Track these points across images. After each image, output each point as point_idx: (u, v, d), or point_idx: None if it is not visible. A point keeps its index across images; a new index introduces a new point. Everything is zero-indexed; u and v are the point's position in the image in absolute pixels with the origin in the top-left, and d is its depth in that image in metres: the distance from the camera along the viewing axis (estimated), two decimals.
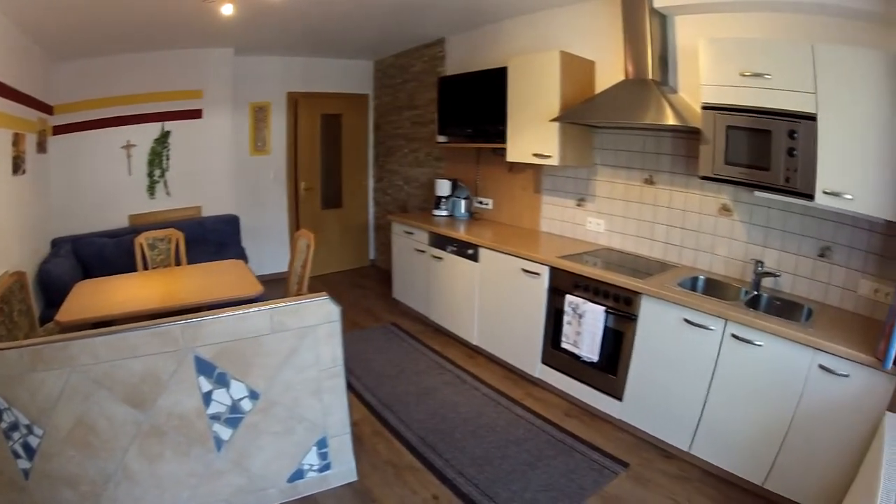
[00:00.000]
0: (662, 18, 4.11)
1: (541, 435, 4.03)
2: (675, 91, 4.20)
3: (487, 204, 6.40)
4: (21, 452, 2.61)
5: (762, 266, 3.74)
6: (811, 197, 3.05)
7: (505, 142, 5.30)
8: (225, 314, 2.88)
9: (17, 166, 4.70)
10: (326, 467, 3.35)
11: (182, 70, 6.64)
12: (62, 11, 4.34)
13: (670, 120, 3.73)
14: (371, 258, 9.16)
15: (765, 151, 3.25)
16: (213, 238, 6.84)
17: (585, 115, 4.45)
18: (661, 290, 3.69)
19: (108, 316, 3.72)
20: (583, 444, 3.91)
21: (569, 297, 4.28)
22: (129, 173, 6.57)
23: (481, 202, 6.48)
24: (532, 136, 4.94)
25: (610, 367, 4.11)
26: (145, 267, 5.27)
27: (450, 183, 6.56)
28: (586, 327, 4.15)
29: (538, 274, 4.57)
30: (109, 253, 5.84)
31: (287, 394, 3.12)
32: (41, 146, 5.50)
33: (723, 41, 3.47)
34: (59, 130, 5.97)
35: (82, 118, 6.12)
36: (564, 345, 4.37)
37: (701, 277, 4.08)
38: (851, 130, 2.88)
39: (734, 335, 3.29)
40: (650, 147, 4.52)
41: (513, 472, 3.58)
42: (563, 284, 4.38)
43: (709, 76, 3.49)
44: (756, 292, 3.72)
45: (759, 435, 3.23)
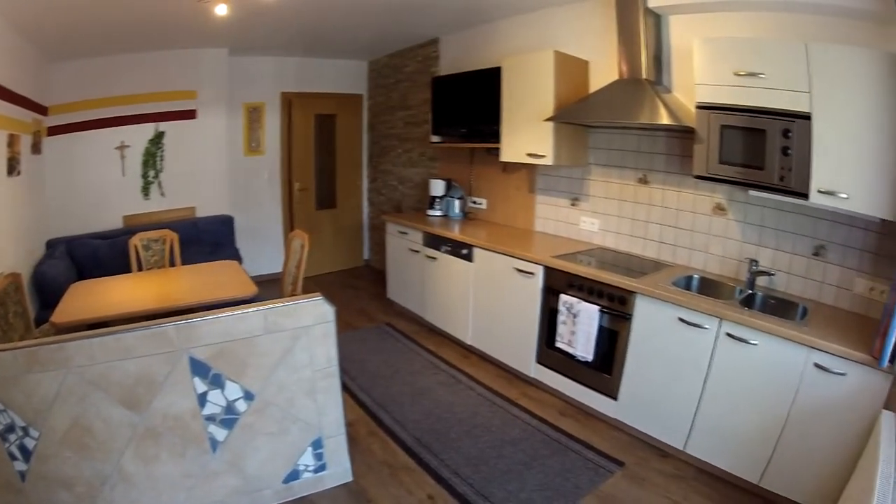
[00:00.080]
0: (656, 18, 4.12)
1: (536, 434, 4.03)
2: (670, 90, 4.21)
3: (481, 204, 6.40)
4: (17, 454, 2.59)
5: (757, 265, 3.75)
6: (806, 196, 3.06)
7: (499, 142, 5.30)
8: (219, 315, 2.87)
9: (12, 167, 4.67)
10: (322, 468, 3.34)
11: (176, 70, 6.61)
12: (56, 11, 4.32)
13: (664, 119, 3.73)
14: (365, 258, 9.15)
15: (759, 150, 3.26)
16: (208, 239, 6.81)
17: (580, 115, 4.45)
18: (656, 290, 3.69)
19: (103, 317, 3.70)
20: (578, 444, 3.91)
21: (563, 297, 4.28)
22: (124, 174, 6.54)
23: (475, 202, 6.47)
24: (526, 136, 4.94)
25: (605, 367, 4.11)
26: (140, 268, 5.25)
27: (444, 183, 6.56)
28: (581, 327, 4.15)
29: (532, 274, 4.57)
30: (104, 254, 5.81)
31: (282, 394, 3.11)
32: (36, 147, 5.47)
33: (717, 41, 3.48)
34: (54, 131, 5.94)
35: (76, 119, 6.08)
36: (559, 344, 4.36)
37: (695, 276, 4.09)
38: (846, 129, 2.89)
39: (729, 334, 3.29)
40: (644, 146, 4.52)
41: (508, 472, 3.58)
42: (558, 284, 4.38)
43: (703, 76, 3.50)
44: (751, 291, 3.73)
45: (755, 433, 3.23)
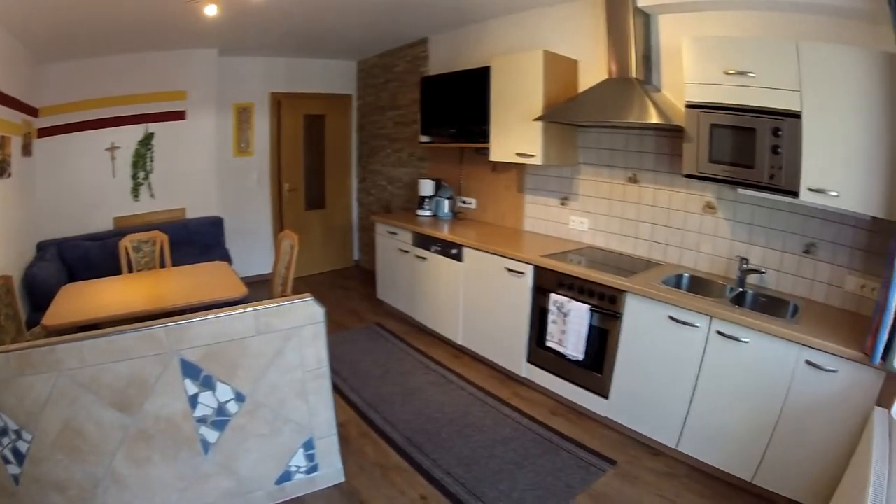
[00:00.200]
0: (646, 17, 4.13)
1: (527, 434, 4.03)
2: (659, 90, 4.23)
3: (471, 203, 6.40)
4: (11, 458, 2.58)
5: (747, 263, 3.77)
6: (796, 194, 3.07)
7: (488, 141, 5.29)
8: (210, 316, 2.86)
9: (3, 170, 4.64)
10: (314, 469, 3.33)
11: (166, 71, 6.58)
12: (46, 12, 4.29)
13: (654, 118, 3.74)
14: (355, 259, 9.13)
15: (749, 149, 3.27)
16: (198, 240, 6.79)
17: (569, 115, 4.46)
18: (646, 288, 3.70)
19: (95, 319, 3.69)
20: (570, 443, 3.91)
21: (553, 296, 4.28)
22: (114, 175, 6.50)
23: (465, 202, 6.47)
24: (515, 136, 4.94)
25: (595, 366, 4.11)
26: (130, 270, 5.21)
27: (433, 183, 6.55)
28: (571, 326, 4.15)
29: (522, 273, 4.57)
30: (94, 256, 5.78)
31: (273, 396, 3.10)
32: (26, 149, 5.42)
33: (707, 40, 3.49)
34: (45, 133, 5.89)
35: (67, 120, 6.04)
36: (549, 343, 4.37)
37: (686, 275, 4.10)
38: (837, 127, 2.91)
39: (720, 332, 3.30)
40: (634, 146, 4.53)
41: (500, 472, 3.57)
42: (548, 283, 4.38)
43: (692, 75, 3.51)
44: (741, 289, 3.75)
45: (747, 431, 3.24)
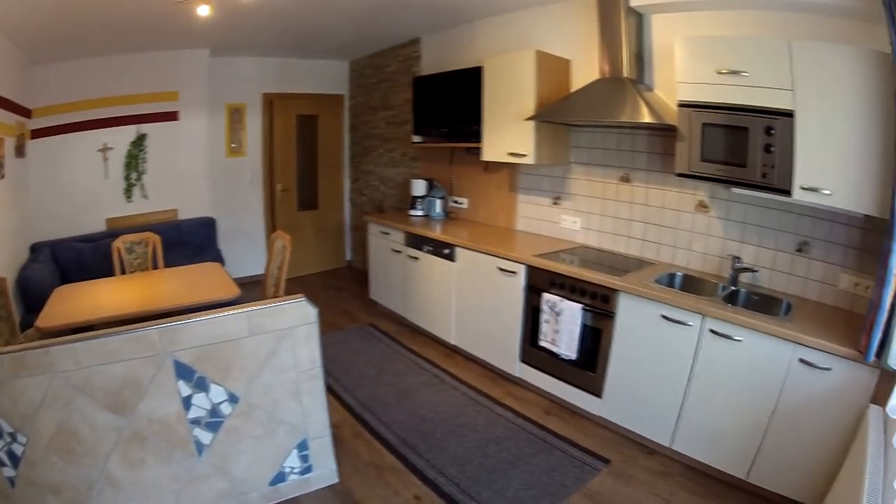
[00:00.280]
0: (638, 17, 4.14)
1: (521, 433, 4.03)
2: (651, 89, 4.23)
3: (463, 203, 6.40)
4: (6, 460, 2.56)
5: (740, 261, 3.78)
6: (788, 193, 3.08)
7: (480, 141, 5.29)
8: (202, 318, 2.84)
9: None
10: (308, 470, 3.32)
11: (158, 72, 6.55)
12: (38, 12, 4.26)
13: (646, 118, 3.75)
14: (348, 259, 9.11)
15: (741, 148, 3.28)
16: (190, 241, 6.78)
17: (561, 114, 4.46)
18: (639, 287, 3.70)
19: (88, 321, 3.67)
20: (563, 442, 3.92)
21: (546, 296, 4.28)
22: (106, 177, 6.47)
23: (457, 202, 6.47)
24: (507, 136, 4.94)
25: (589, 365, 4.12)
26: (123, 271, 5.19)
27: (425, 183, 6.55)
28: (564, 325, 4.16)
29: (515, 273, 4.57)
30: (87, 257, 5.76)
31: (266, 397, 3.09)
32: (20, 150, 5.39)
33: (699, 39, 3.50)
34: (38, 134, 5.86)
35: (60, 121, 6.01)
36: (542, 343, 4.37)
37: (678, 274, 4.11)
38: (830, 126, 2.91)
39: (713, 330, 3.31)
40: (626, 145, 4.54)
41: (494, 472, 3.57)
42: (540, 283, 4.38)
43: (685, 74, 3.51)
44: (734, 287, 3.76)
45: (741, 429, 3.25)
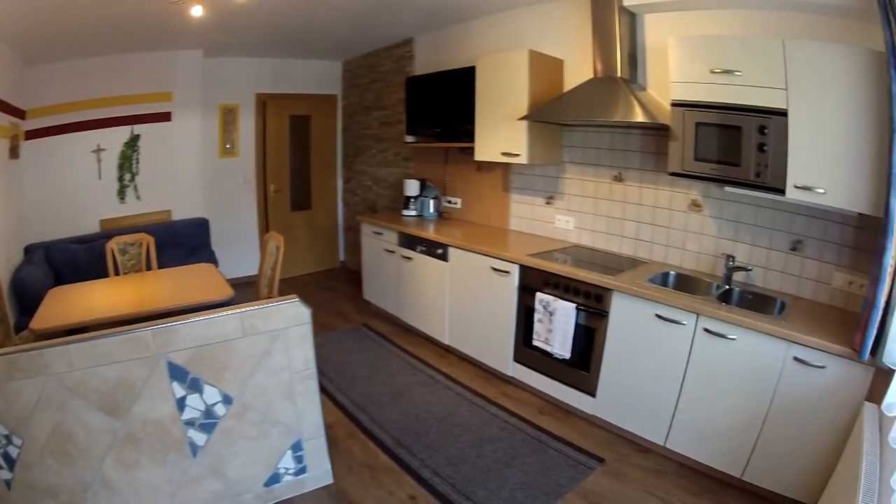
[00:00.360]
0: (632, 16, 4.14)
1: (515, 433, 4.03)
2: (645, 89, 4.24)
3: (456, 203, 6.40)
4: (2, 463, 2.55)
5: (733, 260, 3.79)
6: (782, 191, 3.09)
7: (473, 141, 5.29)
8: (196, 319, 2.83)
9: None
10: (302, 471, 3.31)
11: (152, 73, 6.53)
12: (33, 14, 4.25)
13: (639, 117, 3.75)
14: (341, 259, 9.11)
15: (735, 147, 3.29)
16: (184, 242, 6.75)
17: (554, 114, 4.46)
18: (632, 286, 3.71)
19: (82, 322, 3.66)
20: (558, 441, 3.92)
21: (539, 295, 4.28)
22: (100, 178, 6.44)
23: (450, 202, 6.47)
24: (500, 135, 4.94)
25: (582, 364, 4.12)
26: (117, 272, 5.18)
27: (418, 183, 6.55)
28: (557, 325, 4.16)
29: (508, 272, 4.57)
30: (81, 259, 5.73)
31: (260, 398, 3.08)
32: (14, 152, 5.36)
33: (693, 38, 3.50)
34: (31, 135, 5.83)
35: (53, 122, 5.98)
36: (536, 342, 4.37)
37: (672, 273, 4.12)
38: (823, 125, 2.92)
39: (706, 329, 3.32)
40: (619, 144, 4.55)
41: (489, 471, 3.57)
42: (534, 282, 4.38)
43: (678, 73, 3.52)
44: (728, 286, 3.77)
45: (735, 427, 3.26)
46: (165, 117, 6.77)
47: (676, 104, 3.58)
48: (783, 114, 3.02)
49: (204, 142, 7.21)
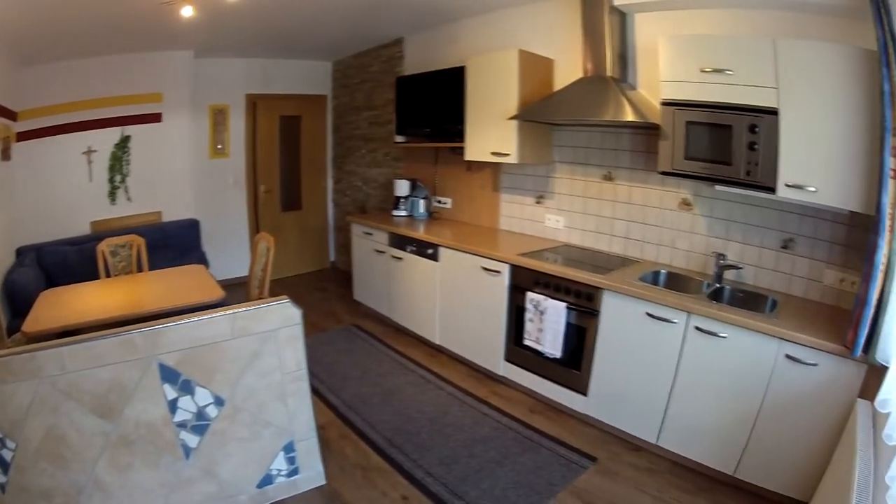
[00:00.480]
0: (622, 16, 4.15)
1: (507, 432, 4.03)
2: (635, 88, 4.25)
3: (446, 203, 6.39)
4: None
5: (724, 259, 3.80)
6: (773, 190, 3.11)
7: (463, 141, 5.29)
8: (187, 320, 2.82)
9: None
10: (295, 472, 3.31)
11: (142, 73, 6.48)
12: (24, 15, 4.22)
13: (629, 116, 3.76)
14: (331, 260, 9.09)
15: (725, 146, 3.30)
16: (174, 243, 6.71)
17: (544, 113, 4.46)
18: (623, 285, 3.72)
19: (75, 325, 3.63)
20: (549, 440, 3.92)
21: (530, 295, 4.29)
22: (90, 179, 6.40)
23: (440, 201, 6.46)
24: (490, 135, 4.94)
25: (573, 363, 4.12)
26: (108, 274, 5.16)
27: (408, 183, 6.54)
28: (548, 324, 4.16)
29: (498, 272, 4.57)
30: (73, 261, 5.70)
31: (252, 399, 3.07)
32: (5, 153, 5.33)
33: (683, 38, 3.52)
34: (23, 137, 5.79)
35: (44, 124, 5.94)
36: (527, 342, 4.37)
37: (662, 272, 4.13)
38: (814, 123, 2.94)
39: (698, 328, 3.33)
40: (609, 144, 4.55)
41: (481, 471, 3.57)
42: (524, 282, 4.38)
43: (668, 72, 3.53)
44: (718, 285, 3.78)
45: (728, 425, 3.27)
46: (156, 118, 6.73)
47: (666, 103, 3.59)
48: (774, 112, 3.04)
49: (194, 143, 7.18)
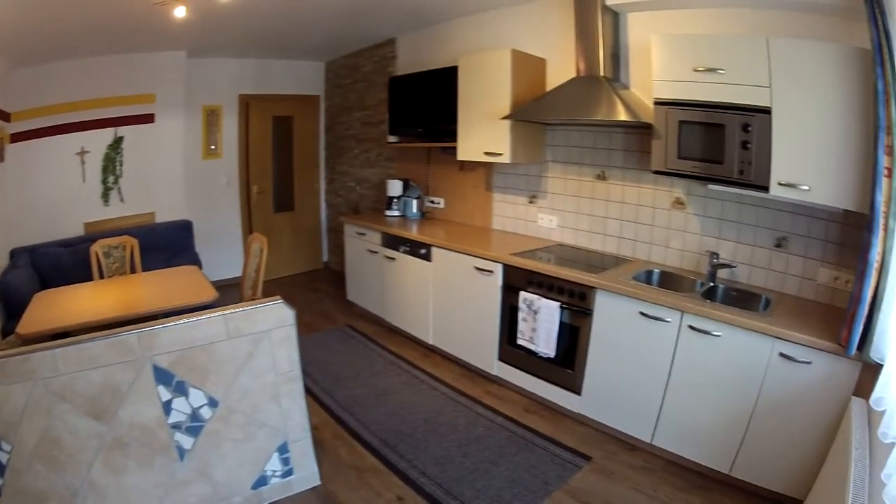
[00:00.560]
0: (614, 16, 4.16)
1: (501, 432, 4.03)
2: (627, 87, 4.25)
3: (439, 203, 6.39)
4: None
5: (717, 257, 3.81)
6: (766, 189, 3.12)
7: (456, 141, 5.28)
8: (180, 321, 2.81)
9: None
10: (289, 473, 3.30)
11: (135, 74, 6.46)
12: (17, 16, 4.20)
13: (622, 116, 3.77)
14: (324, 260, 9.07)
15: (718, 145, 3.30)
16: (167, 244, 6.68)
17: (537, 113, 4.46)
18: (616, 284, 3.72)
19: (69, 326, 3.62)
20: (544, 440, 3.92)
21: (523, 294, 4.28)
22: (84, 180, 6.38)
23: (433, 201, 6.46)
24: (483, 135, 4.94)
25: (567, 362, 4.12)
26: (101, 275, 5.13)
27: (401, 183, 6.53)
28: (541, 323, 4.16)
29: (491, 272, 4.57)
30: (66, 262, 5.68)
31: (245, 400, 3.06)
32: None
33: (676, 37, 3.52)
34: (16, 138, 5.75)
35: (38, 125, 5.91)
36: (520, 341, 4.37)
37: (656, 271, 4.14)
38: (808, 122, 2.95)
39: (691, 326, 3.33)
40: (602, 143, 4.56)
41: (476, 471, 3.57)
42: (517, 281, 4.38)
43: (661, 72, 3.53)
44: (712, 283, 3.79)
45: (723, 423, 3.27)
46: (149, 119, 6.70)
47: (659, 102, 3.59)
48: (767, 111, 3.04)
49: (187, 143, 7.15)
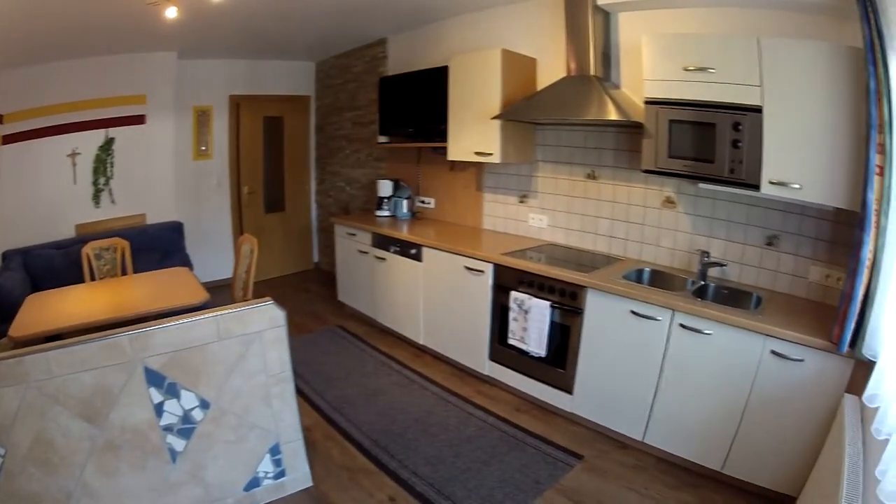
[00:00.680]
0: (605, 15, 4.16)
1: (493, 431, 4.03)
2: (618, 87, 4.26)
3: (429, 203, 6.39)
4: None
5: (708, 256, 3.82)
6: (757, 187, 3.13)
7: (446, 141, 5.28)
8: (171, 323, 2.80)
9: None
10: (281, 474, 3.28)
11: (126, 75, 6.42)
12: (7, 15, 4.16)
13: (612, 115, 3.77)
14: (315, 261, 9.05)
15: (709, 144, 3.31)
16: (158, 246, 6.66)
17: (527, 112, 4.47)
18: (607, 283, 3.72)
19: (61, 329, 3.60)
20: (536, 439, 3.92)
21: (514, 294, 4.29)
22: (75, 182, 6.34)
23: (423, 201, 6.46)
24: (473, 135, 4.94)
25: (558, 362, 4.13)
26: (93, 277, 5.11)
27: (391, 183, 6.52)
28: (532, 323, 4.16)
29: (482, 271, 4.57)
30: (58, 264, 5.65)
31: (237, 401, 3.05)
32: None
33: (666, 36, 3.53)
34: (8, 140, 5.71)
35: (29, 127, 5.87)
36: (511, 341, 4.37)
37: (646, 269, 4.15)
38: (798, 120, 2.96)
39: (682, 325, 3.34)
40: (592, 142, 4.57)
41: (467, 470, 3.56)
42: (508, 281, 4.38)
43: (652, 71, 3.54)
44: (703, 282, 3.80)
45: (714, 421, 3.28)
46: (139, 120, 6.68)
47: (650, 102, 3.60)
48: (758, 110, 3.05)
49: (178, 144, 7.12)
